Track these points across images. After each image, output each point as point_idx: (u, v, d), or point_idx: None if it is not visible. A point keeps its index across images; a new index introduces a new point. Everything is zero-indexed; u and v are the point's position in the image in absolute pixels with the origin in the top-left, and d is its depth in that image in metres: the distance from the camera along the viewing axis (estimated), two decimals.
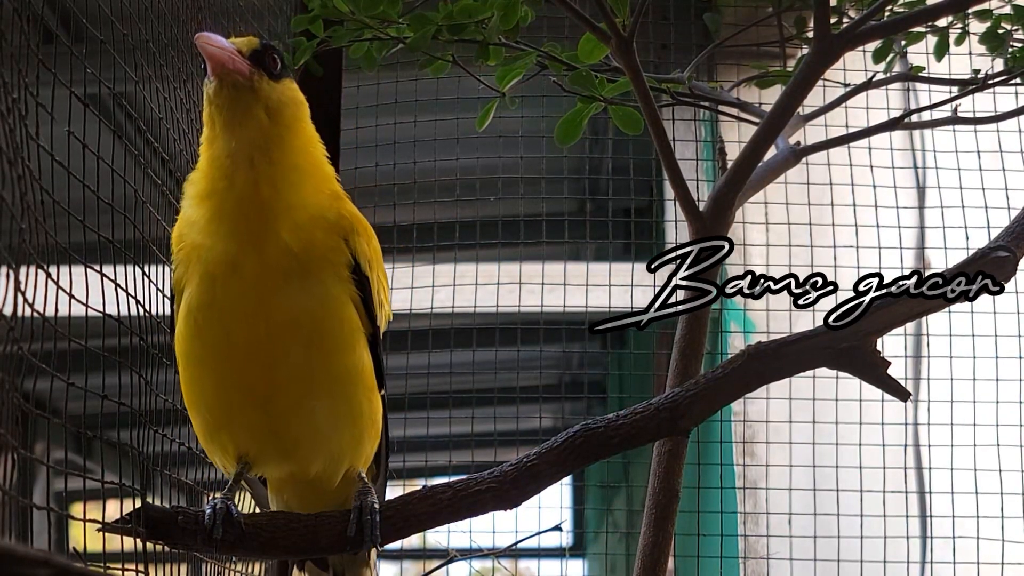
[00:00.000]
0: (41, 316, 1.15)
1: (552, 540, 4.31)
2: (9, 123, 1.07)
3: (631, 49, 1.51)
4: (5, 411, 1.04)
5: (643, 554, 1.67)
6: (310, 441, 1.45)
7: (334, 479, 1.50)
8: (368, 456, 1.52)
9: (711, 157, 3.40)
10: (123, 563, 1.33)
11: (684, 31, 3.26)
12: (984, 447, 2.84)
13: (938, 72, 2.05)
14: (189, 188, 1.45)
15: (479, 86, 1.84)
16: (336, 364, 1.43)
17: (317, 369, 1.42)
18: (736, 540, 3.11)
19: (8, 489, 1.04)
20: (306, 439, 1.45)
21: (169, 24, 1.69)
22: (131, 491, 1.35)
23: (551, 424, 4.12)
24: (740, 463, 3.18)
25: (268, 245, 1.39)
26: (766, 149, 1.65)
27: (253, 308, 1.38)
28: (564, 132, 1.74)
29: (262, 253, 1.38)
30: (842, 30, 1.55)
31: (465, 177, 3.00)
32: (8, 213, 1.08)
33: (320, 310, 1.41)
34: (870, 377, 1.44)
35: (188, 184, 1.45)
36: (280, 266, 1.39)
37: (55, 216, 1.21)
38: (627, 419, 1.40)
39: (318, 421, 1.44)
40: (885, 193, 3.05)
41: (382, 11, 1.69)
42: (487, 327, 3.11)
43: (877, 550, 2.83)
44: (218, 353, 1.40)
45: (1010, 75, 1.91)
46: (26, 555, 0.84)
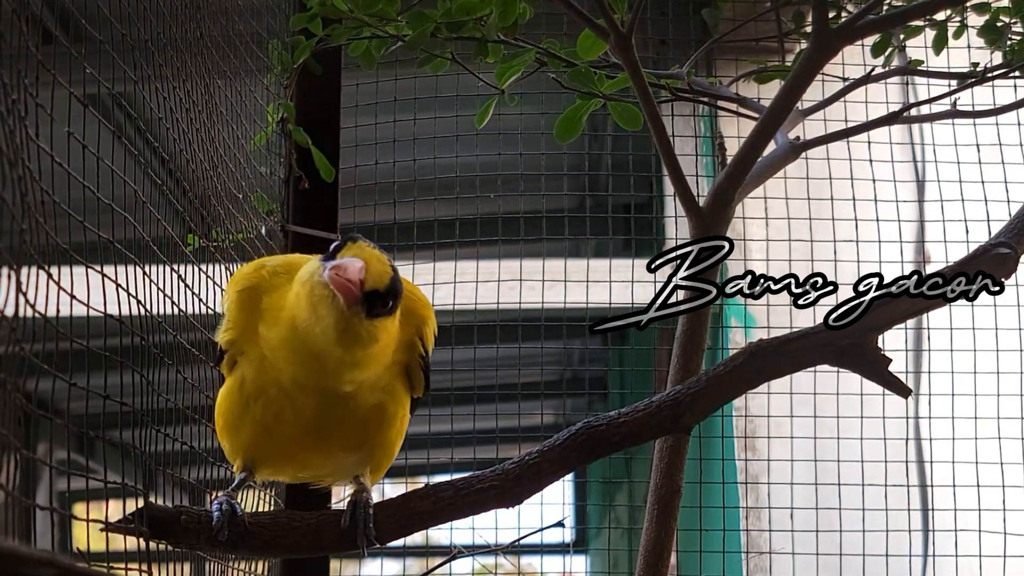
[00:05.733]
0: (43, 317, 1.15)
1: (555, 536, 4.30)
2: (9, 124, 1.07)
3: (630, 45, 1.51)
4: (7, 412, 1.04)
5: (645, 549, 1.67)
6: (336, 478, 1.54)
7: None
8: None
9: (711, 152, 3.40)
10: (126, 563, 1.33)
11: (683, 27, 3.27)
12: (985, 440, 2.84)
13: (937, 66, 2.05)
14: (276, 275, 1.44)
15: (478, 83, 1.85)
16: (386, 437, 1.49)
17: (367, 443, 1.47)
18: (738, 535, 3.11)
19: (11, 490, 1.04)
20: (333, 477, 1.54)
21: (169, 24, 1.68)
22: (133, 491, 1.35)
23: (553, 420, 4.13)
24: (742, 458, 3.19)
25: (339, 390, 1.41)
26: (765, 144, 1.65)
27: (316, 403, 1.41)
28: (563, 128, 1.74)
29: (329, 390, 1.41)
30: (840, 24, 1.55)
31: (465, 174, 3.00)
32: (9, 214, 1.08)
33: (389, 404, 1.46)
34: (871, 374, 1.44)
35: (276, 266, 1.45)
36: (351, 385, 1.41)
37: (56, 217, 1.21)
38: (629, 417, 1.40)
39: (350, 468, 1.49)
40: (884, 187, 3.05)
41: (381, 9, 1.69)
42: (488, 324, 3.11)
43: (879, 544, 2.83)
44: (264, 425, 1.44)
45: (1009, 68, 1.91)
46: (30, 556, 0.84)
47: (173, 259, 1.64)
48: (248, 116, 2.11)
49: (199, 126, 1.79)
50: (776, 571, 3.06)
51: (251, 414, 1.44)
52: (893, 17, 1.68)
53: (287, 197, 2.17)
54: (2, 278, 1.04)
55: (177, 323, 1.65)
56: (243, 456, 1.48)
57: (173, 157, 1.70)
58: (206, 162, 1.84)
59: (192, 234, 1.82)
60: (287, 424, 1.43)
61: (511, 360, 3.19)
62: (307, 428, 1.42)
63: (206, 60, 1.86)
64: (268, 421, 1.43)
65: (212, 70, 1.89)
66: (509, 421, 3.26)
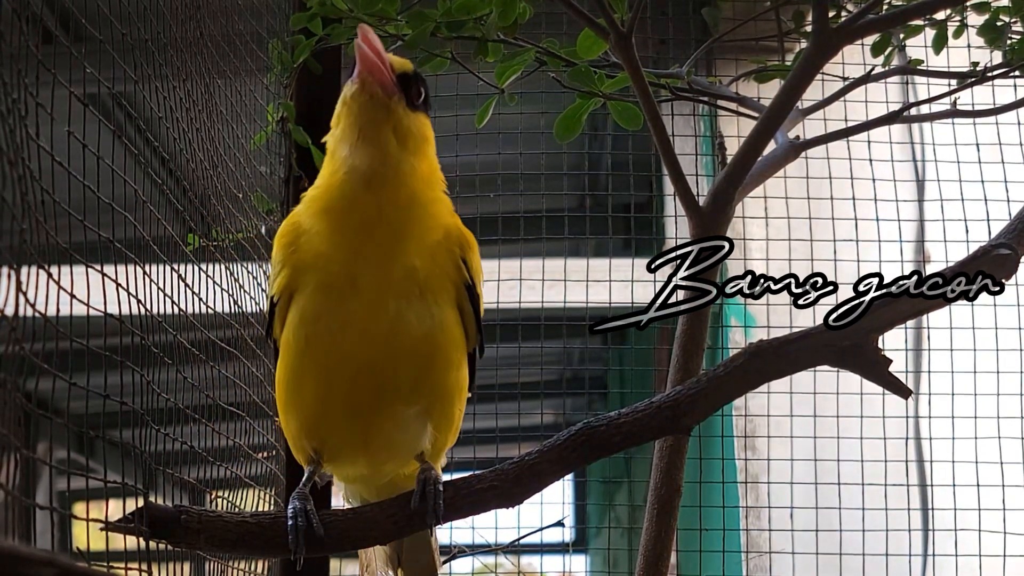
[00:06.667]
0: (43, 316, 1.15)
1: (555, 536, 4.31)
2: (9, 124, 1.07)
3: (630, 44, 1.51)
4: (8, 411, 1.04)
5: (645, 549, 1.67)
6: (399, 448, 1.48)
7: (404, 473, 1.53)
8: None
9: (710, 152, 3.40)
10: (126, 563, 1.33)
11: (683, 26, 3.27)
12: (985, 439, 2.84)
13: (937, 65, 2.05)
14: (310, 199, 1.45)
15: (478, 83, 1.85)
16: (443, 383, 1.46)
17: (424, 386, 1.44)
18: (738, 534, 3.11)
19: (11, 489, 1.04)
20: (397, 447, 1.47)
21: (169, 24, 1.68)
22: (133, 490, 1.35)
23: (552, 420, 4.13)
24: (742, 457, 3.19)
25: (393, 265, 1.40)
26: (765, 143, 1.65)
27: (369, 325, 1.39)
28: (563, 128, 1.74)
29: (386, 272, 1.39)
30: (840, 24, 1.55)
31: (465, 174, 3.00)
32: (9, 213, 1.08)
33: (438, 334, 1.43)
34: (872, 375, 1.44)
35: (309, 195, 1.46)
36: (402, 286, 1.40)
37: (56, 216, 1.21)
38: (629, 417, 1.40)
39: (413, 432, 1.46)
40: (884, 186, 3.05)
41: (380, 8, 1.69)
42: (488, 323, 3.10)
43: (879, 543, 2.83)
44: (327, 366, 1.42)
45: (1009, 67, 1.91)
46: (30, 555, 0.84)
47: (173, 259, 1.64)
48: (248, 116, 2.11)
49: (199, 126, 1.79)
50: (776, 570, 3.06)
51: (312, 354, 1.41)
52: (893, 16, 1.68)
53: (287, 197, 2.16)
54: (2, 278, 1.04)
55: (177, 323, 1.65)
56: (307, 435, 1.45)
57: (173, 156, 1.70)
58: (206, 161, 1.84)
59: (192, 233, 1.82)
60: (350, 362, 1.40)
61: (511, 360, 3.19)
62: (372, 358, 1.39)
63: (206, 60, 1.86)
64: (331, 359, 1.40)
65: (212, 70, 1.89)
66: (509, 421, 3.26)
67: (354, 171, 1.39)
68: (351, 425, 1.44)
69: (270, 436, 2.05)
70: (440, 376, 1.45)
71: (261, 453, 2.09)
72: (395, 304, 1.40)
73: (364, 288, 1.39)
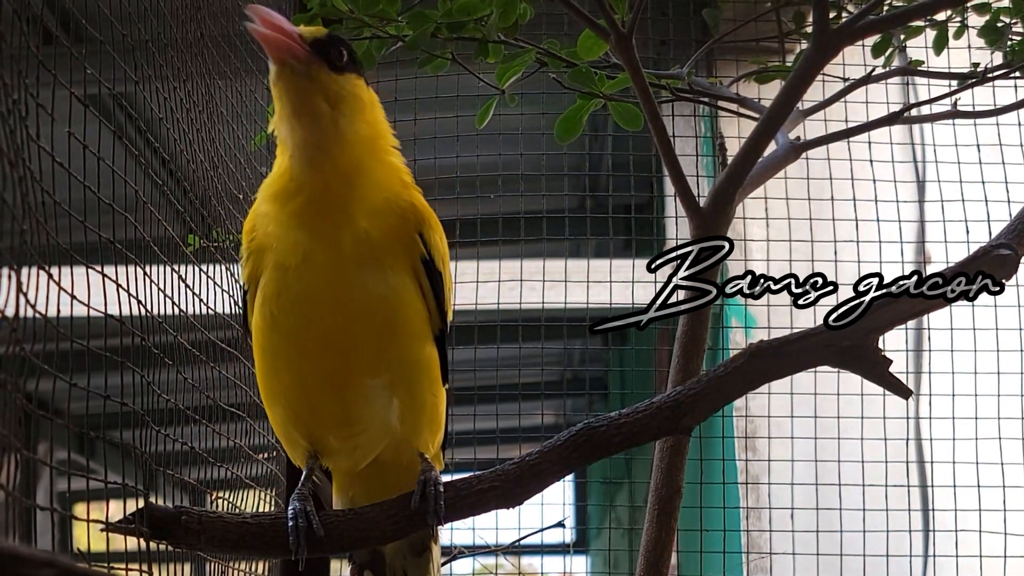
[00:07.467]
0: (43, 317, 1.15)
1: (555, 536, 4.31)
2: (10, 124, 1.07)
3: (630, 45, 1.52)
4: (8, 412, 1.04)
5: (646, 550, 1.67)
6: (377, 428, 1.47)
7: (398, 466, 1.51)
8: (432, 444, 1.53)
9: (711, 153, 3.40)
10: (126, 563, 1.33)
11: (683, 27, 3.27)
12: (986, 440, 2.84)
13: (937, 66, 2.05)
14: (264, 186, 1.46)
15: (479, 83, 1.85)
16: (405, 353, 1.45)
17: (388, 357, 1.43)
18: (739, 535, 3.11)
19: (11, 490, 1.04)
20: (374, 426, 1.46)
21: (169, 24, 1.68)
22: (134, 491, 1.35)
23: (553, 420, 4.13)
24: (742, 458, 3.19)
25: (343, 232, 1.40)
26: (766, 144, 1.65)
27: (328, 295, 1.40)
28: (564, 129, 1.74)
29: (337, 241, 1.40)
30: (841, 25, 1.55)
31: (465, 175, 3.00)
32: (10, 214, 1.08)
33: (394, 299, 1.43)
34: (872, 375, 1.44)
35: (264, 182, 1.47)
36: (355, 254, 1.40)
37: (56, 217, 1.21)
38: (629, 418, 1.40)
39: (380, 405, 1.45)
40: (885, 187, 3.05)
41: (381, 9, 1.69)
42: (489, 324, 3.11)
43: (879, 544, 2.83)
44: (295, 342, 1.42)
45: (1009, 68, 1.91)
46: (31, 556, 0.84)
47: (173, 259, 1.64)
48: (248, 116, 2.12)
49: (199, 126, 1.79)
50: (777, 571, 3.06)
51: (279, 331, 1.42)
52: (893, 17, 1.68)
53: None
54: (3, 278, 1.04)
55: (177, 323, 1.65)
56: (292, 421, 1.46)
57: (174, 157, 1.70)
58: (206, 162, 1.84)
59: (192, 234, 1.83)
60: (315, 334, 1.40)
61: (511, 360, 3.19)
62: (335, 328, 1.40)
63: (206, 60, 1.86)
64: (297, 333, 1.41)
65: (212, 70, 1.89)
66: (509, 421, 3.26)
67: (297, 149, 1.40)
68: (330, 405, 1.45)
69: (270, 437, 2.05)
70: (402, 344, 1.44)
71: (262, 454, 2.09)
72: (351, 272, 1.40)
73: (318, 260, 1.39)
